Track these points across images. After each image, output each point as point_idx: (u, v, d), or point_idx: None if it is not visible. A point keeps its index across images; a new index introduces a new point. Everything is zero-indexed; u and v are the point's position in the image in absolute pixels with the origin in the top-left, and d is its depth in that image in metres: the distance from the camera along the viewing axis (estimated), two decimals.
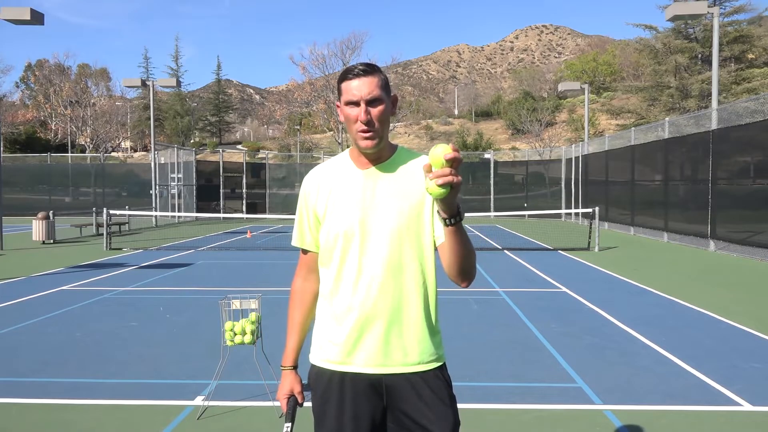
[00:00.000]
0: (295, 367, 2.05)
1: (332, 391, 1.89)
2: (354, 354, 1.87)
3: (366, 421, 1.87)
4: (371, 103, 1.81)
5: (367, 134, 1.82)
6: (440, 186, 1.54)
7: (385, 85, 1.85)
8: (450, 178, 1.53)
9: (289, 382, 2.02)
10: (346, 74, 1.85)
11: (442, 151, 1.55)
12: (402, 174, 1.90)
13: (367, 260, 1.85)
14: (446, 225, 1.67)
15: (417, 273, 1.87)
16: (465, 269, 1.79)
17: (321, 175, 1.96)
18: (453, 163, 1.54)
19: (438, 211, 1.67)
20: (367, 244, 1.85)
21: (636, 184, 19.54)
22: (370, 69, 1.84)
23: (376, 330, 1.85)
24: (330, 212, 1.90)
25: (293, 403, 2.01)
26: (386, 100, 1.85)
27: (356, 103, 1.82)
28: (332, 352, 1.90)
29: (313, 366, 1.96)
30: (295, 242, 2.02)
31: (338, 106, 1.90)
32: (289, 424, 1.96)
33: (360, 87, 1.81)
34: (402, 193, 1.88)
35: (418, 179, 1.88)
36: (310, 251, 2.00)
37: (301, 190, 1.99)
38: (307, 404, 2.00)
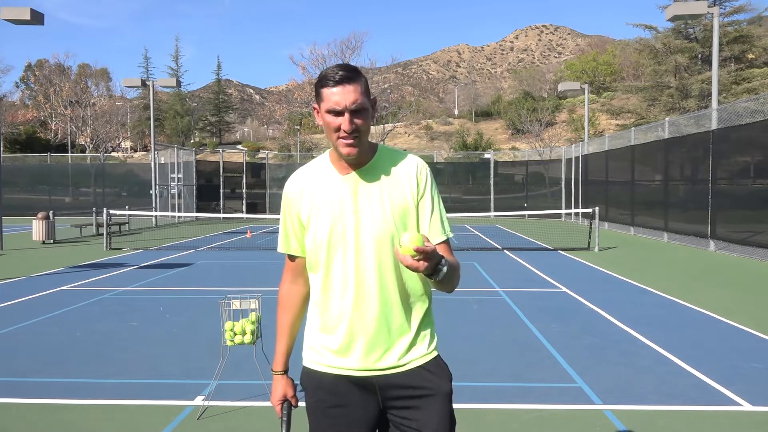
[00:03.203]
0: (285, 371, 2.04)
1: (325, 392, 1.88)
2: (345, 357, 1.86)
3: (360, 422, 1.87)
4: (355, 112, 1.76)
5: (350, 142, 1.77)
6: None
7: (366, 90, 1.80)
8: (416, 265, 1.63)
9: (281, 387, 2.01)
10: (327, 80, 1.76)
11: (411, 243, 1.63)
12: (384, 177, 1.86)
13: (353, 265, 1.83)
14: (429, 278, 1.74)
15: (404, 276, 1.86)
16: (446, 291, 1.85)
17: (303, 180, 1.92)
18: (421, 254, 1.63)
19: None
20: (352, 250, 1.83)
21: (636, 184, 19.53)
22: (352, 75, 1.77)
23: (366, 333, 1.84)
24: (313, 219, 1.88)
25: (288, 408, 2.00)
26: (369, 107, 1.80)
27: (339, 113, 1.76)
28: (324, 355, 1.89)
29: (305, 368, 1.95)
30: (280, 249, 2.00)
31: (315, 109, 1.85)
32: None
33: (344, 95, 1.74)
34: (384, 196, 1.85)
35: (401, 181, 1.87)
36: (296, 257, 1.98)
37: (284, 196, 1.96)
38: (301, 404, 2.00)
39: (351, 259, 1.83)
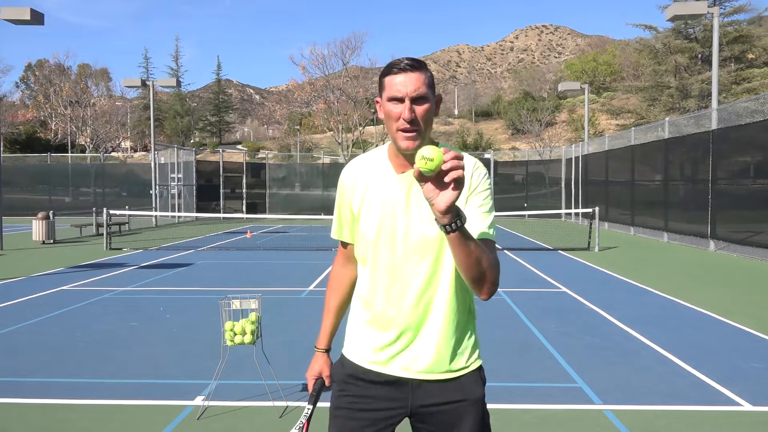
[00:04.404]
0: (327, 350, 2.05)
1: (353, 386, 1.88)
2: (382, 354, 1.84)
3: (384, 422, 1.85)
4: (416, 100, 1.72)
5: (410, 134, 1.72)
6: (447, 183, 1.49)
7: (431, 83, 1.76)
8: (455, 174, 1.49)
9: (319, 365, 2.03)
10: (391, 68, 1.74)
11: (435, 154, 1.48)
12: None
13: (399, 266, 1.81)
14: (447, 232, 1.55)
15: (450, 279, 1.81)
16: (477, 278, 1.65)
17: (358, 171, 1.90)
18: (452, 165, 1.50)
19: (436, 220, 1.56)
20: (399, 250, 1.80)
21: (636, 184, 19.54)
22: (417, 65, 1.74)
23: (406, 335, 1.82)
24: (363, 213, 1.86)
25: (320, 385, 2.02)
26: (432, 98, 1.76)
27: (400, 100, 1.72)
28: (362, 348, 1.89)
29: (342, 356, 1.95)
30: (333, 234, 2.00)
31: (378, 102, 1.81)
32: (311, 407, 1.95)
33: (406, 83, 1.71)
34: None
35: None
36: (348, 243, 1.98)
37: (339, 183, 1.94)
38: (324, 405, 1.99)
39: (397, 258, 1.81)
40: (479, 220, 1.76)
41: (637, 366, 5.22)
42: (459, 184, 1.49)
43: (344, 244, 2.00)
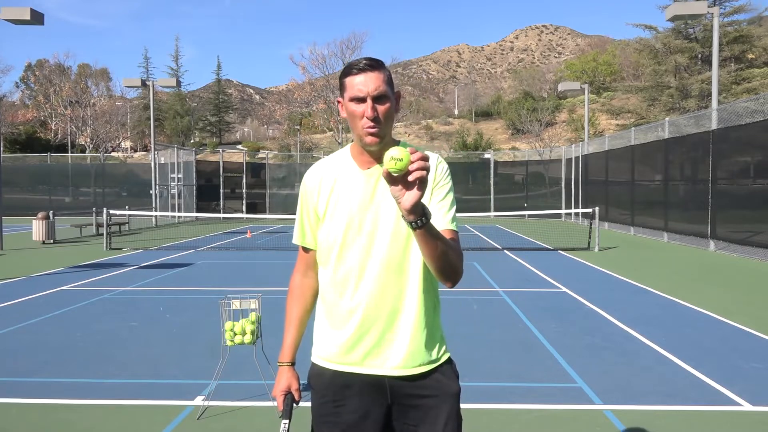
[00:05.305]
0: (292, 364, 2.02)
1: (333, 391, 1.87)
2: (354, 354, 1.85)
3: (368, 422, 1.85)
4: (378, 99, 1.77)
5: (373, 130, 1.78)
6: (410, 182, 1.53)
7: (389, 81, 1.82)
8: (419, 174, 1.52)
9: (286, 379, 2.00)
10: (351, 69, 1.80)
11: (403, 155, 1.52)
12: None
13: (367, 262, 1.83)
14: (414, 228, 1.60)
15: (417, 274, 1.84)
16: (442, 269, 1.72)
17: (322, 173, 1.92)
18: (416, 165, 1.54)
19: (402, 216, 1.60)
20: (366, 246, 1.83)
21: (636, 184, 19.54)
22: (375, 64, 1.80)
23: (376, 331, 1.83)
24: (330, 213, 1.87)
25: (290, 401, 1.98)
26: (391, 96, 1.82)
27: (362, 99, 1.77)
28: (332, 351, 1.88)
29: (313, 365, 1.94)
30: (296, 240, 2.00)
31: (339, 102, 1.86)
32: (287, 422, 1.93)
33: (366, 82, 1.77)
34: None
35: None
36: (310, 249, 1.98)
37: (302, 187, 1.96)
38: (306, 404, 1.99)
39: (365, 254, 1.83)
40: (442, 213, 1.83)
41: (637, 366, 5.22)
42: (423, 184, 1.54)
43: (306, 250, 2.00)
